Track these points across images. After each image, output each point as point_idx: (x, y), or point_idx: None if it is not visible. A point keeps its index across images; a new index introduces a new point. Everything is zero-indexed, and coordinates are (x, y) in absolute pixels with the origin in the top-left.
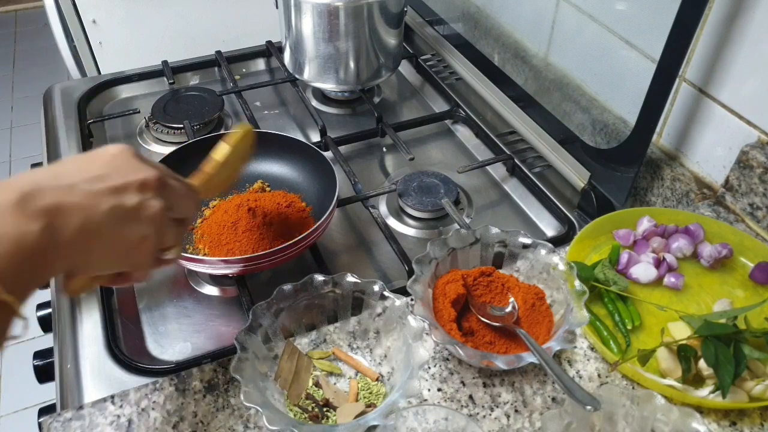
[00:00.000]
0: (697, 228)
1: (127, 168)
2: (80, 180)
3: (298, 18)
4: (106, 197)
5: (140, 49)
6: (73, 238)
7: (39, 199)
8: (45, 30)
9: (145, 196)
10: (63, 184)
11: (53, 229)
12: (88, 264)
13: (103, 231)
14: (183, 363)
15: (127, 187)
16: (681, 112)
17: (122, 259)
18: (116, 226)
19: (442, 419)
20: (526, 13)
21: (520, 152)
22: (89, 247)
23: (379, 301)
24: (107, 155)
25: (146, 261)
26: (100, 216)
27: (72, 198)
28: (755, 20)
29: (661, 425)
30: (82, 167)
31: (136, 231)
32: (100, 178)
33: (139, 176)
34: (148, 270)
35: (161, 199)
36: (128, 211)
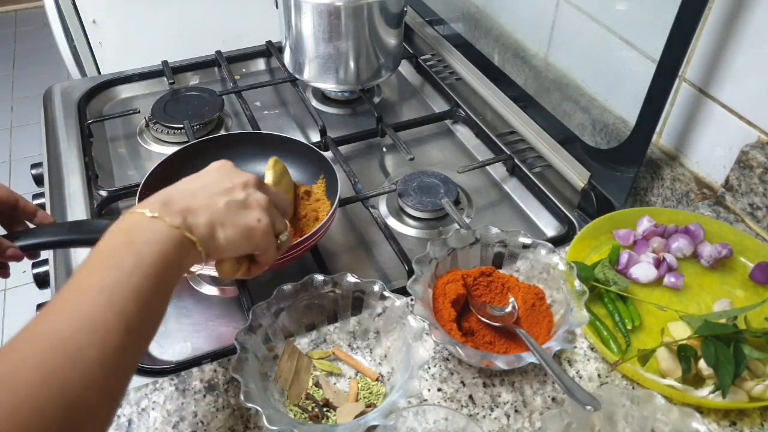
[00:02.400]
0: (697, 228)
1: (230, 174)
2: (198, 188)
3: (298, 18)
4: (221, 196)
5: (140, 49)
6: (204, 230)
7: (174, 205)
8: (45, 30)
9: (248, 191)
10: (187, 193)
11: (188, 226)
12: (222, 249)
13: (225, 221)
14: (183, 363)
15: (234, 187)
16: (681, 112)
17: (247, 241)
18: (234, 215)
19: (442, 419)
20: (526, 13)
21: (520, 152)
22: (218, 236)
23: (379, 301)
24: (213, 169)
25: (267, 242)
26: (220, 210)
27: (196, 201)
28: (755, 20)
29: (661, 425)
30: (198, 179)
31: (251, 216)
32: (213, 184)
33: (241, 179)
34: (271, 252)
35: (262, 192)
36: (240, 203)
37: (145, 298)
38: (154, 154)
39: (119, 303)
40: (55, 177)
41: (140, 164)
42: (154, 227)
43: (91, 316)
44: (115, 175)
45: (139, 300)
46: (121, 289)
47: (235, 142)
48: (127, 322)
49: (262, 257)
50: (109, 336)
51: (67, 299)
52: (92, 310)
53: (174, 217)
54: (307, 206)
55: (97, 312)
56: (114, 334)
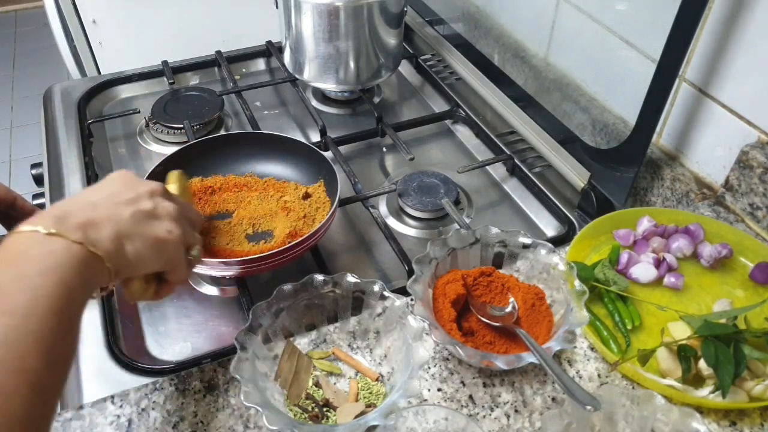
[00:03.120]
0: (697, 228)
1: (133, 183)
2: (98, 199)
3: (298, 18)
4: (126, 206)
5: (140, 49)
6: (109, 244)
7: (70, 219)
8: (45, 30)
9: (155, 200)
10: (87, 204)
11: (90, 241)
12: (131, 265)
13: (132, 232)
14: (183, 363)
15: (139, 196)
16: (681, 112)
17: (157, 255)
18: (143, 226)
19: (442, 419)
20: (526, 13)
21: (520, 152)
22: (126, 250)
23: (379, 301)
24: (113, 178)
25: (178, 257)
26: (126, 221)
27: (98, 213)
28: (755, 20)
29: (661, 425)
30: (98, 190)
31: (160, 227)
32: (115, 194)
33: (145, 188)
34: (183, 269)
35: (170, 201)
36: (147, 213)
37: (48, 342)
38: (154, 154)
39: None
40: (55, 177)
41: (140, 164)
42: (48, 248)
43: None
44: None
45: (42, 347)
46: (16, 339)
47: (235, 142)
48: (31, 379)
49: (172, 274)
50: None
51: None
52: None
53: (74, 233)
54: (307, 206)
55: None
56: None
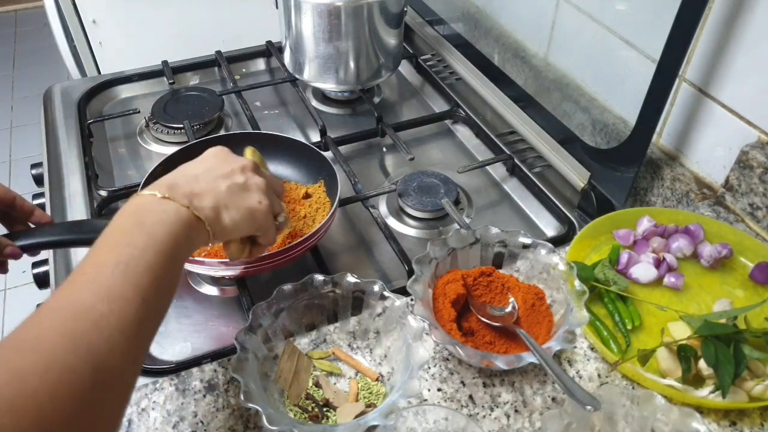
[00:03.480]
0: (697, 228)
1: (227, 159)
2: (200, 173)
3: (298, 18)
4: (222, 180)
5: (140, 49)
6: (210, 212)
7: (178, 189)
8: (45, 30)
9: (247, 175)
10: (190, 177)
11: (195, 208)
12: (227, 230)
13: (228, 203)
14: (183, 363)
15: (233, 171)
16: (681, 112)
17: (250, 222)
18: (236, 198)
19: (442, 419)
20: (526, 13)
21: (520, 152)
22: (223, 217)
23: (379, 301)
24: (210, 154)
25: (267, 222)
26: (224, 193)
27: (199, 185)
28: (755, 20)
29: (661, 425)
30: (197, 165)
31: (252, 198)
32: (212, 169)
33: (239, 163)
34: (272, 233)
35: (259, 176)
36: (241, 186)
37: (158, 273)
38: (154, 154)
39: (135, 277)
40: (55, 177)
41: (140, 164)
42: (162, 208)
43: (110, 288)
44: (115, 175)
45: (153, 275)
46: (136, 264)
47: (235, 142)
48: (143, 295)
49: (262, 238)
50: (128, 306)
51: (87, 273)
52: (111, 283)
53: (182, 199)
54: (307, 206)
55: (115, 285)
56: (132, 304)
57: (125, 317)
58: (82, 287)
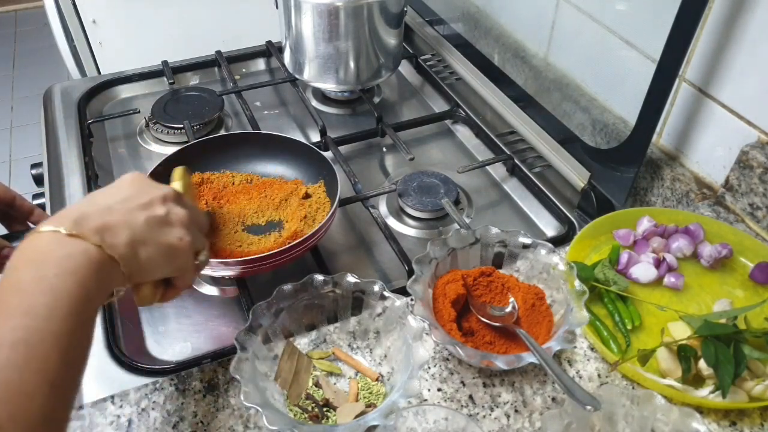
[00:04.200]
0: (697, 228)
1: (146, 188)
2: (113, 202)
3: (298, 18)
4: (140, 211)
5: (140, 49)
6: (125, 249)
7: (88, 222)
8: (45, 30)
9: (168, 206)
10: (102, 207)
11: (107, 244)
12: (143, 270)
13: (146, 238)
14: (183, 363)
15: (153, 201)
16: (681, 112)
17: (168, 261)
18: (156, 233)
19: (442, 419)
20: (526, 13)
21: (520, 152)
22: (140, 255)
23: (379, 301)
24: (127, 181)
25: (188, 262)
26: (141, 227)
27: (113, 217)
28: (755, 20)
29: (661, 425)
30: (111, 193)
31: (173, 233)
32: (129, 198)
33: (158, 192)
34: (191, 274)
35: (181, 207)
36: (161, 219)
37: (68, 343)
38: (154, 154)
39: (38, 358)
40: (55, 177)
41: (140, 164)
42: (67, 251)
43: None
44: (115, 175)
45: (61, 347)
46: (39, 340)
47: (235, 142)
48: (51, 379)
49: (179, 280)
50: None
51: None
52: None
53: (92, 235)
54: (307, 206)
55: (12, 376)
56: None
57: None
58: None
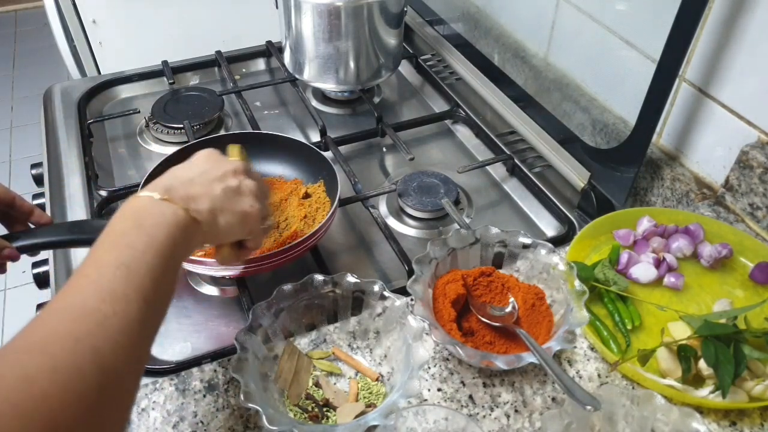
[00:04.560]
0: (697, 228)
1: (219, 162)
2: (194, 176)
3: (298, 18)
4: (217, 183)
5: (140, 49)
6: (207, 216)
7: (175, 192)
8: (45, 30)
9: (239, 178)
10: (185, 180)
11: (192, 211)
12: (221, 234)
13: (224, 207)
14: (183, 363)
15: (226, 174)
16: (681, 112)
17: (242, 226)
18: (231, 202)
19: (442, 419)
20: (526, 13)
21: (520, 152)
22: (219, 221)
23: (379, 301)
24: (203, 157)
25: (257, 227)
26: (218, 197)
27: (195, 189)
28: (755, 20)
29: (661, 425)
30: (190, 168)
31: (246, 202)
32: (206, 172)
33: (230, 166)
34: (260, 237)
35: (250, 179)
36: (235, 190)
37: (158, 274)
38: (154, 154)
39: (136, 278)
40: (55, 177)
41: (140, 164)
42: (160, 210)
43: (112, 289)
44: (115, 175)
45: (153, 276)
46: (137, 265)
47: (235, 142)
48: (145, 296)
49: (251, 242)
50: (130, 307)
51: (88, 275)
52: (113, 285)
53: (180, 201)
54: (307, 206)
55: (117, 286)
56: (134, 305)
57: (128, 318)
58: (85, 289)
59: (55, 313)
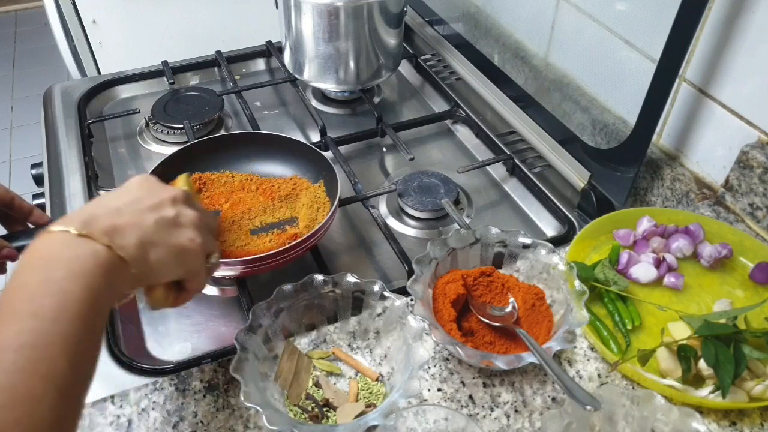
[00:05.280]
0: (697, 228)
1: (155, 189)
2: (122, 204)
3: (298, 18)
4: (149, 213)
5: (140, 49)
6: (134, 251)
7: (97, 224)
8: (45, 30)
9: (178, 208)
10: (111, 209)
11: (116, 246)
12: (153, 273)
13: (156, 240)
14: (183, 363)
15: (162, 202)
16: (681, 112)
17: (179, 263)
18: (165, 234)
19: (442, 419)
20: (526, 13)
21: (520, 152)
22: (150, 257)
23: (379, 301)
24: (135, 183)
25: (198, 264)
26: (150, 229)
27: (122, 219)
28: (755, 20)
29: (661, 425)
30: (120, 195)
31: (183, 235)
32: (138, 200)
33: (168, 194)
34: (203, 276)
35: (192, 209)
36: (170, 221)
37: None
38: (154, 154)
39: (44, 362)
40: (55, 177)
41: (140, 164)
42: (75, 253)
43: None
44: (115, 175)
45: (69, 351)
46: (45, 342)
47: (235, 142)
48: (58, 384)
49: (191, 283)
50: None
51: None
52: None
53: (101, 237)
54: (307, 206)
55: (18, 380)
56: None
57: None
58: None
59: None
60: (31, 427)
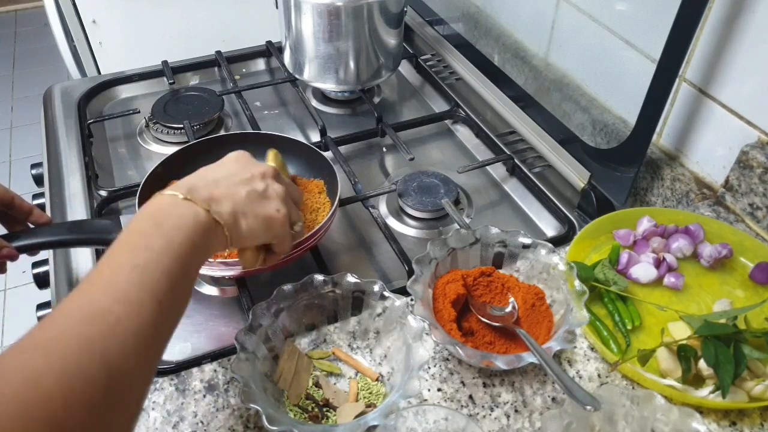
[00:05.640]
0: (697, 228)
1: (248, 165)
2: (220, 177)
3: (298, 18)
4: (242, 186)
5: (140, 49)
6: (228, 218)
7: (198, 193)
8: (45, 30)
9: (267, 182)
10: (210, 181)
11: (213, 212)
12: (244, 237)
13: (246, 210)
14: (183, 363)
15: (254, 177)
16: (681, 112)
17: (266, 230)
18: (255, 205)
19: (442, 419)
20: (526, 13)
21: (520, 152)
22: (240, 224)
23: (379, 301)
24: (231, 159)
25: (284, 232)
26: (243, 199)
27: (219, 190)
28: (755, 20)
29: (661, 425)
30: (217, 170)
31: (271, 206)
32: (233, 174)
33: (259, 169)
34: (287, 242)
35: (279, 183)
36: (260, 193)
37: (174, 278)
38: (154, 154)
39: (151, 281)
40: (55, 177)
41: (140, 164)
42: (181, 211)
43: (126, 291)
44: (115, 175)
45: (169, 280)
46: (153, 268)
47: (235, 142)
48: (159, 299)
49: (278, 247)
50: (143, 310)
51: (103, 275)
52: (127, 287)
53: (202, 202)
54: (308, 207)
55: (131, 288)
56: (147, 308)
57: (140, 321)
58: (98, 289)
59: (67, 313)
60: (137, 322)
